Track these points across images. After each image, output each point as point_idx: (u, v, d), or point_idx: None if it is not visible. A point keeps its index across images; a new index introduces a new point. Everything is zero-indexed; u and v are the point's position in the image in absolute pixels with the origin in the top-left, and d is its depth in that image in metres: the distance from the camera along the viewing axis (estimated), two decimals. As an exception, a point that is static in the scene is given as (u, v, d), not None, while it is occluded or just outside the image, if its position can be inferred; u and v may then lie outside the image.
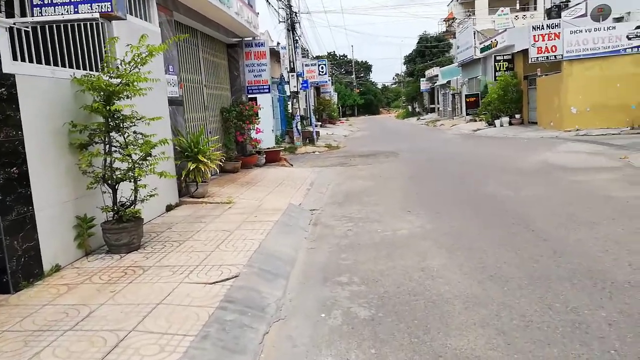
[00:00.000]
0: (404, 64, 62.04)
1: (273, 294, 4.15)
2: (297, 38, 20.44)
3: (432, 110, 49.72)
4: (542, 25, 18.88)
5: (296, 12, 19.86)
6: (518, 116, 23.34)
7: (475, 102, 28.86)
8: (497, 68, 24.44)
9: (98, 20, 4.29)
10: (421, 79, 50.35)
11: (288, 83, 20.14)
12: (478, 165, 11.59)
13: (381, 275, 4.49)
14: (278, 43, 24.91)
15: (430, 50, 54.97)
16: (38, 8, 4.23)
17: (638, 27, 17.61)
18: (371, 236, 5.85)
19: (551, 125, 19.69)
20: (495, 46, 25.65)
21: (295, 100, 19.96)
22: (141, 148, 5.11)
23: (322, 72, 28.42)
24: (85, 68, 5.61)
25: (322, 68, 28.75)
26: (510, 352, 2.97)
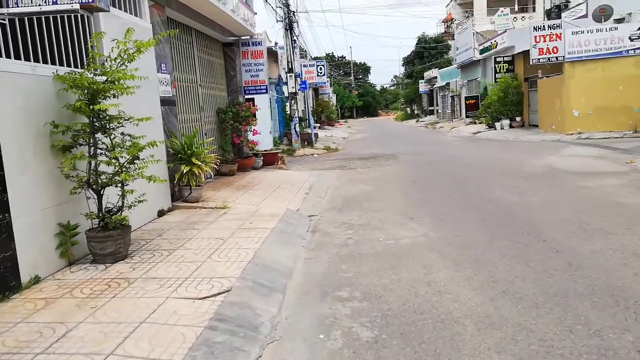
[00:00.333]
0: (403, 66, 61.80)
1: (268, 311, 3.83)
2: (295, 38, 20.13)
3: (431, 112, 49.43)
4: (544, 25, 18.61)
5: (294, 11, 19.57)
6: (519, 119, 23.06)
7: (475, 105, 28.59)
8: (497, 70, 24.16)
9: (78, 12, 3.98)
10: (420, 81, 50.04)
11: (286, 84, 19.82)
12: (480, 169, 11.30)
13: (384, 289, 4.18)
14: (276, 43, 24.58)
15: (428, 51, 54.72)
16: None
17: (641, 29, 17.35)
18: (373, 245, 5.53)
19: (552, 128, 19.42)
20: (495, 47, 25.38)
21: (293, 101, 19.65)
22: (128, 151, 4.78)
23: (321, 73, 28.10)
24: (70, 65, 5.29)
25: (321, 69, 28.43)
26: (531, 384, 2.67)
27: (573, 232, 5.50)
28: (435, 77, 44.12)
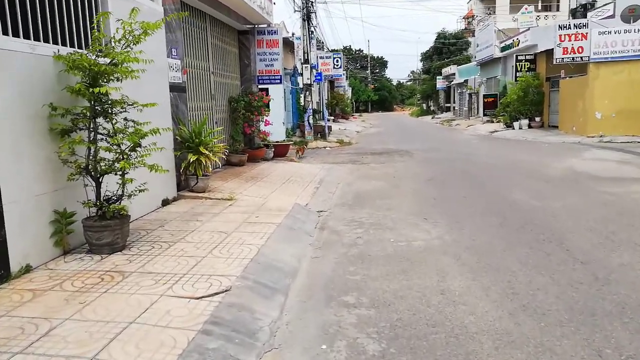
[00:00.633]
0: (421, 61, 61.05)
1: (268, 315, 3.56)
2: (313, 29, 19.77)
3: (447, 109, 48.71)
4: (569, 24, 18.00)
5: (312, 1, 19.18)
6: (538, 119, 22.46)
7: (493, 103, 27.96)
8: (519, 68, 23.53)
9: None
10: (437, 77, 49.32)
11: (301, 75, 19.50)
12: (499, 169, 10.90)
13: (394, 296, 3.88)
14: (293, 34, 24.22)
15: (447, 47, 53.86)
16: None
17: (672, 31, 16.69)
18: (383, 246, 5.24)
19: (573, 130, 18.85)
20: (517, 45, 24.72)
21: (307, 92, 19.33)
22: (129, 137, 4.53)
23: (337, 66, 27.73)
24: (74, 46, 5.04)
25: (337, 61, 28.05)
26: (557, 417, 2.36)
27: (599, 243, 5.14)
28: (453, 74, 43.38)
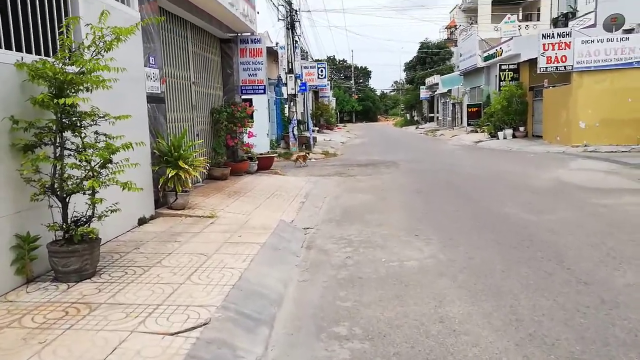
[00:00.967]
0: (404, 71, 61.36)
1: (251, 351, 3.21)
2: (297, 38, 19.55)
3: (431, 119, 48.90)
4: (553, 34, 18.06)
5: (296, 10, 18.98)
6: (522, 129, 22.49)
7: (477, 113, 28.03)
8: (502, 78, 23.61)
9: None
10: (421, 87, 49.53)
11: (285, 85, 19.23)
12: (487, 180, 10.71)
13: (389, 326, 3.56)
14: (277, 43, 23.99)
15: (431, 57, 54.24)
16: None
17: (653, 40, 16.85)
18: (375, 267, 4.92)
19: (557, 139, 18.87)
20: (500, 55, 24.85)
21: (292, 103, 19.06)
22: (98, 153, 4.16)
23: (322, 76, 27.55)
24: (40, 53, 4.67)
25: (322, 71, 27.88)
26: None
27: (600, 260, 4.90)
28: (436, 84, 43.58)
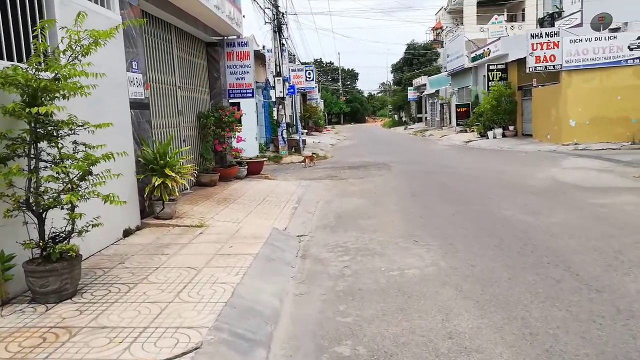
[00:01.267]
0: (392, 72, 61.49)
1: (247, 378, 2.95)
2: (285, 41, 19.30)
3: (419, 119, 48.92)
4: (541, 33, 18.04)
5: (283, 13, 18.73)
6: (512, 128, 22.47)
7: (466, 113, 28.03)
8: (491, 77, 23.59)
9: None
10: (409, 88, 49.56)
11: (273, 88, 18.96)
12: (482, 181, 10.54)
13: (395, 344, 3.32)
14: (264, 46, 23.70)
15: (417, 59, 54.35)
16: None
17: (640, 38, 16.88)
18: (375, 277, 4.68)
19: (548, 138, 18.84)
20: (487, 55, 24.84)
21: (281, 106, 18.78)
22: (75, 165, 3.86)
23: (310, 78, 27.33)
24: (12, 59, 4.36)
25: (310, 74, 27.66)
26: None
27: (608, 264, 4.71)
28: (424, 85, 43.60)
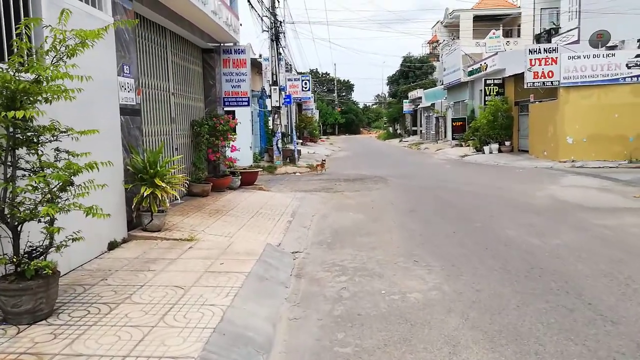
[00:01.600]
0: (387, 85, 61.65)
1: (236, 419, 2.64)
2: (282, 50, 19.11)
3: (414, 132, 48.87)
4: (539, 49, 17.99)
5: (281, 22, 18.56)
6: (508, 143, 22.36)
7: (461, 127, 27.91)
8: (487, 92, 23.52)
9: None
10: (404, 101, 49.60)
11: (269, 97, 18.73)
12: (481, 197, 10.31)
13: (400, 380, 3.03)
14: (260, 55, 23.55)
15: (413, 72, 54.51)
16: None
17: (638, 56, 16.86)
18: (374, 301, 4.39)
19: (544, 154, 18.72)
20: (484, 69, 24.81)
21: (277, 115, 18.55)
22: (54, 175, 3.55)
23: (306, 88, 27.16)
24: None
25: (306, 84, 27.49)
26: None
27: (621, 292, 4.45)
28: (419, 98, 43.63)
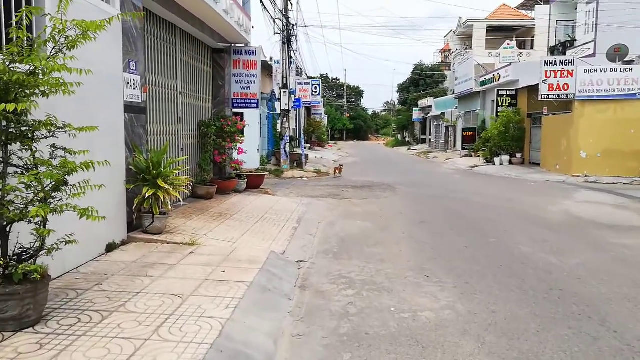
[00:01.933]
0: (397, 92, 61.41)
1: None
2: (293, 53, 18.93)
3: (423, 141, 48.54)
4: (555, 61, 17.70)
5: (293, 25, 18.39)
6: (519, 155, 21.99)
7: (472, 137, 27.58)
8: (500, 103, 23.19)
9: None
10: (414, 109, 49.32)
11: (279, 100, 18.54)
12: (493, 210, 10.00)
13: (412, 413, 2.76)
14: (271, 58, 23.41)
15: (424, 80, 54.24)
16: None
17: (657, 72, 16.50)
18: (383, 319, 4.12)
19: (557, 168, 18.35)
20: (497, 80, 24.52)
21: (285, 119, 18.35)
22: (47, 174, 3.32)
23: (316, 93, 27.00)
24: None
25: (316, 88, 27.34)
26: None
27: (648, 320, 4.16)
28: (430, 106, 43.32)
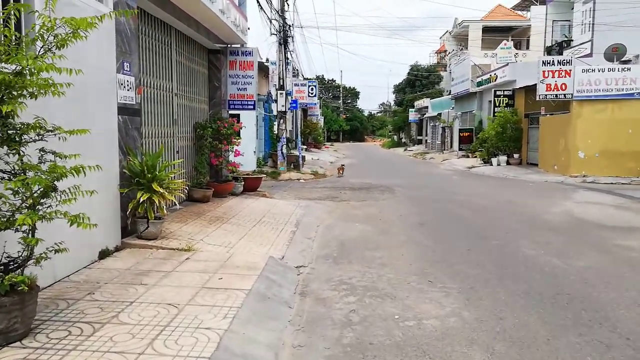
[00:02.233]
0: (394, 93, 61.36)
1: None
2: (289, 54, 18.79)
3: (419, 141, 48.48)
4: (553, 61, 17.63)
5: (290, 25, 18.25)
6: (516, 156, 21.91)
7: (469, 137, 27.51)
8: (497, 103, 23.11)
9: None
10: (410, 110, 49.25)
11: (275, 101, 18.38)
12: (494, 212, 9.88)
13: None
14: (267, 59, 23.27)
15: (420, 81, 54.21)
16: None
17: (655, 71, 16.46)
18: (387, 328, 3.97)
19: (555, 168, 18.28)
20: (494, 80, 24.44)
21: (282, 120, 18.18)
22: (34, 179, 3.15)
23: (312, 94, 26.88)
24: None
25: (312, 89, 27.22)
26: None
27: (661, 326, 4.03)
28: (426, 107, 43.26)
